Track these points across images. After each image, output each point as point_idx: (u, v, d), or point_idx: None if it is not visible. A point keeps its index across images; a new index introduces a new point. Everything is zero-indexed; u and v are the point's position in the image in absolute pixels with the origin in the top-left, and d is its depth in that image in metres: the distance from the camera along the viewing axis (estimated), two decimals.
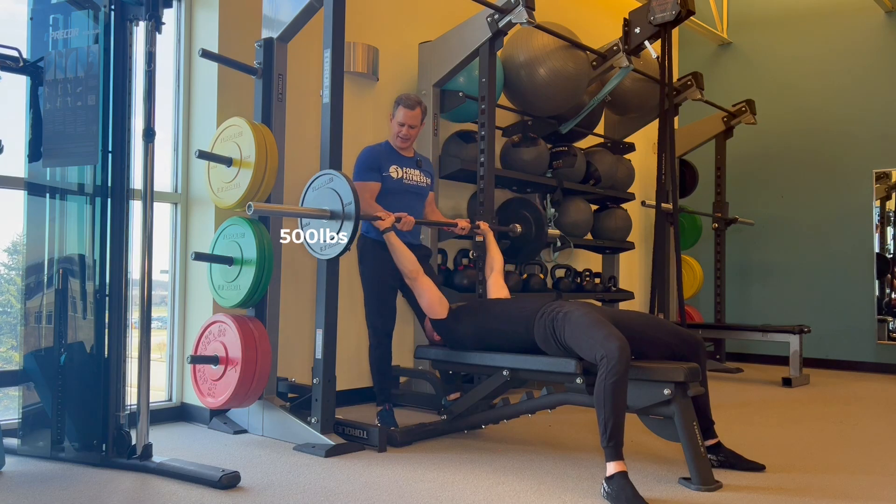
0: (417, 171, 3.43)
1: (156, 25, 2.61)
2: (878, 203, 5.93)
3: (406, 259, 3.07)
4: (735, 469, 2.66)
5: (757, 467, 2.67)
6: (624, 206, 5.56)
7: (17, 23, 3.05)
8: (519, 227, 4.00)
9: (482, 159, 3.83)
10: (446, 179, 4.48)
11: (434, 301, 3.06)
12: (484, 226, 3.54)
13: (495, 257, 3.39)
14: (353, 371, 3.97)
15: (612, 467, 2.30)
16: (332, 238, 2.83)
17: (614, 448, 2.31)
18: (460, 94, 4.12)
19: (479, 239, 3.59)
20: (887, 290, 5.86)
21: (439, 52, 4.13)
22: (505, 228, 3.82)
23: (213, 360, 2.99)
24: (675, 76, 5.47)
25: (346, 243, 2.79)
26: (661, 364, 2.53)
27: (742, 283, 6.57)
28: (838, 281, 6.06)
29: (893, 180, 5.90)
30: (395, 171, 3.32)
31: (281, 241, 3.08)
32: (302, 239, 2.96)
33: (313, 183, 2.94)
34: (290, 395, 3.50)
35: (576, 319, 2.57)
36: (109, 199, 2.68)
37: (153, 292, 2.69)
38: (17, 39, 2.79)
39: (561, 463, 2.78)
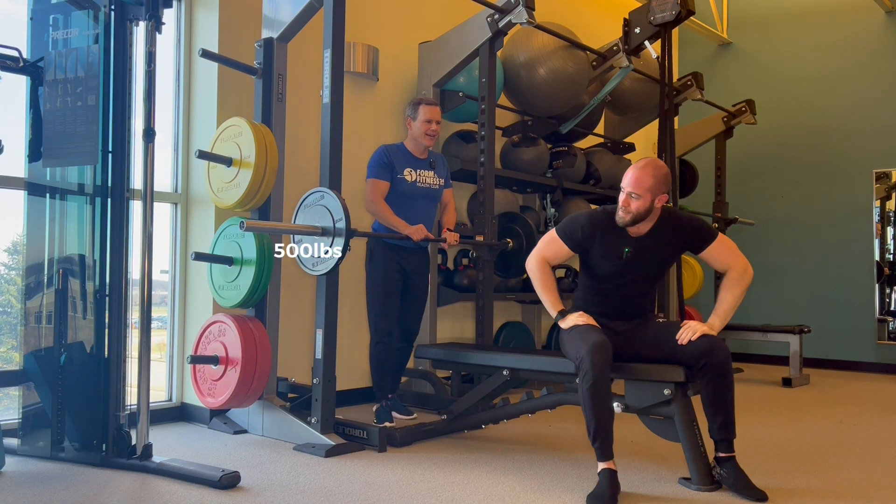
0: (431, 173, 3.45)
1: (156, 25, 2.61)
2: (878, 203, 5.93)
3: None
4: (736, 493, 2.38)
5: (760, 497, 2.34)
6: None
7: (16, 23, 3.04)
8: (511, 242, 4.02)
9: (482, 159, 3.83)
10: None
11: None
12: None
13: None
14: (353, 371, 3.97)
15: (599, 466, 2.36)
16: (327, 252, 2.87)
17: (600, 448, 2.36)
18: (460, 94, 4.12)
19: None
20: (887, 291, 5.87)
21: (439, 52, 4.13)
22: (497, 244, 3.82)
23: (213, 360, 3.00)
24: (675, 76, 5.46)
25: (338, 260, 2.85)
26: (661, 364, 2.52)
27: None
28: (838, 281, 6.06)
29: (893, 180, 5.90)
30: (409, 174, 3.35)
31: (276, 255, 3.09)
32: (295, 254, 2.99)
33: (305, 200, 2.97)
34: (290, 395, 3.50)
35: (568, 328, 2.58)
36: (109, 199, 2.68)
37: (153, 292, 2.69)
38: (17, 39, 2.78)
39: (561, 463, 2.78)
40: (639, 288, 2.66)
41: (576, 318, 2.56)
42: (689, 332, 2.45)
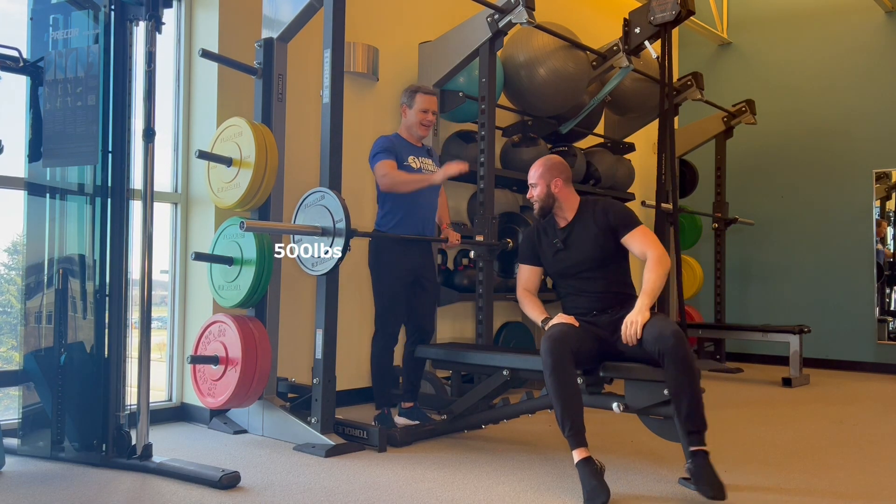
0: (430, 161, 3.40)
1: (156, 25, 2.62)
2: (878, 203, 5.94)
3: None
4: (695, 487, 2.31)
5: (717, 494, 2.26)
6: None
7: (16, 23, 3.04)
8: (511, 242, 4.03)
9: (482, 159, 3.83)
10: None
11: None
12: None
13: None
14: (353, 371, 3.97)
15: (574, 456, 2.34)
16: (327, 252, 2.86)
17: (570, 434, 2.35)
18: (460, 94, 4.12)
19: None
20: (887, 291, 5.87)
21: (439, 52, 4.13)
22: (497, 244, 3.82)
23: (213, 360, 3.00)
24: (675, 76, 5.47)
25: (338, 260, 2.84)
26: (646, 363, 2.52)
27: (742, 283, 6.57)
28: (838, 281, 6.06)
29: (893, 180, 5.90)
30: (413, 162, 3.27)
31: (276, 255, 3.08)
32: (295, 254, 2.98)
33: (305, 200, 2.96)
34: (290, 395, 3.50)
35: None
36: (109, 199, 2.68)
37: (153, 292, 2.69)
38: (18, 39, 2.79)
39: (561, 463, 2.78)
40: (594, 276, 2.72)
41: (557, 319, 2.63)
42: (629, 332, 2.48)
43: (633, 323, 2.48)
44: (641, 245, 2.65)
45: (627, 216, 2.71)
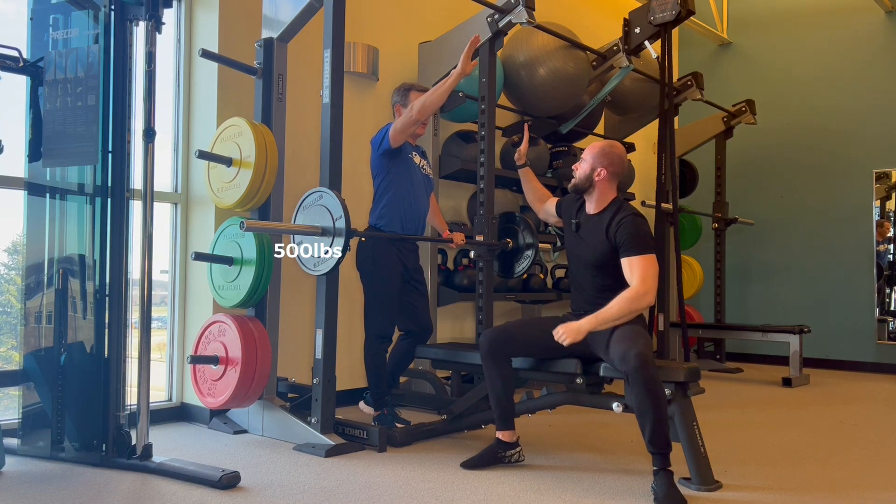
0: (425, 161, 3.41)
1: (156, 25, 2.62)
2: (878, 203, 5.94)
3: None
4: None
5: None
6: None
7: (16, 23, 3.04)
8: (510, 242, 4.03)
9: (482, 159, 3.83)
10: (446, 179, 4.49)
11: None
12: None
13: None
14: (354, 371, 3.97)
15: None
16: (327, 252, 2.85)
17: (496, 419, 2.73)
18: (460, 94, 4.11)
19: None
20: (887, 291, 5.87)
21: (439, 52, 4.13)
22: (497, 244, 3.82)
23: (213, 360, 3.00)
24: (675, 76, 5.47)
25: (338, 260, 2.83)
26: (661, 363, 2.52)
27: (742, 283, 6.57)
28: (838, 281, 6.07)
29: (893, 180, 5.90)
30: (415, 157, 3.30)
31: (276, 255, 3.08)
32: (295, 254, 2.98)
33: (304, 201, 2.95)
34: (290, 395, 3.50)
35: None
36: (109, 199, 2.68)
37: (153, 292, 2.69)
38: (18, 39, 2.79)
39: (560, 463, 2.78)
40: (589, 274, 2.71)
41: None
42: (558, 338, 2.57)
43: (565, 335, 2.55)
44: (631, 274, 2.54)
45: (634, 240, 2.54)
